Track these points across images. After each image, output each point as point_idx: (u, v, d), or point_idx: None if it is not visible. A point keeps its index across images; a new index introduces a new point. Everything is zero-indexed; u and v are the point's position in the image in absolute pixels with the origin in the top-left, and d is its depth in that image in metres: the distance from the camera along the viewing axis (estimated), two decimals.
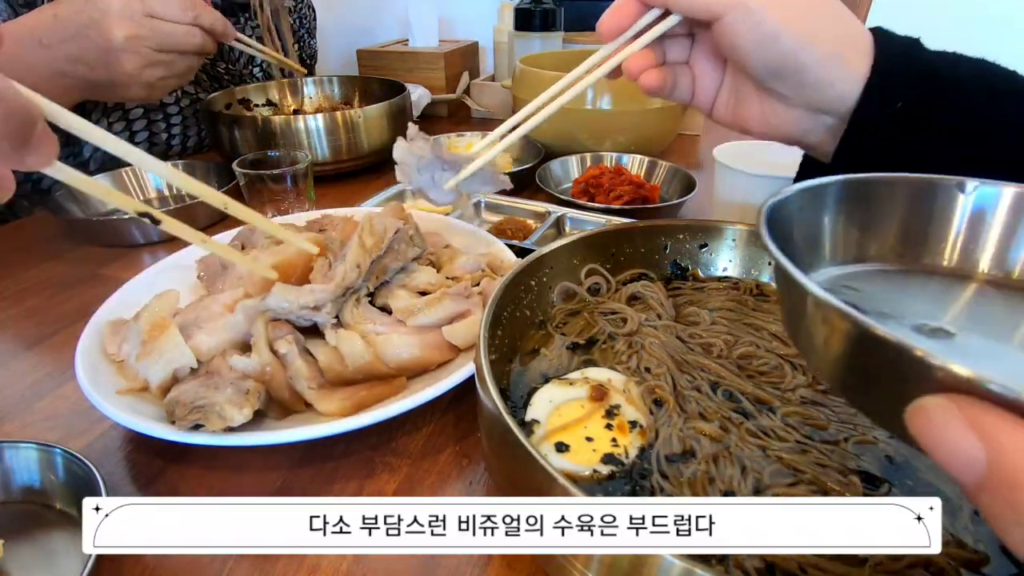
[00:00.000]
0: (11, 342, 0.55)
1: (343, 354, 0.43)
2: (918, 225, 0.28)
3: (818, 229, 0.28)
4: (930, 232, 0.28)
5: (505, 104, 1.24)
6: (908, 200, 0.29)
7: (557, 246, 0.44)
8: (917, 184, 0.28)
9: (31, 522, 0.36)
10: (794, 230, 0.26)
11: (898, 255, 0.29)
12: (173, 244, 0.72)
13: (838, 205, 0.28)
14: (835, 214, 0.28)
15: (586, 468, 0.32)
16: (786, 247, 0.21)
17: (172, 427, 0.37)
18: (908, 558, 0.27)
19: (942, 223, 0.28)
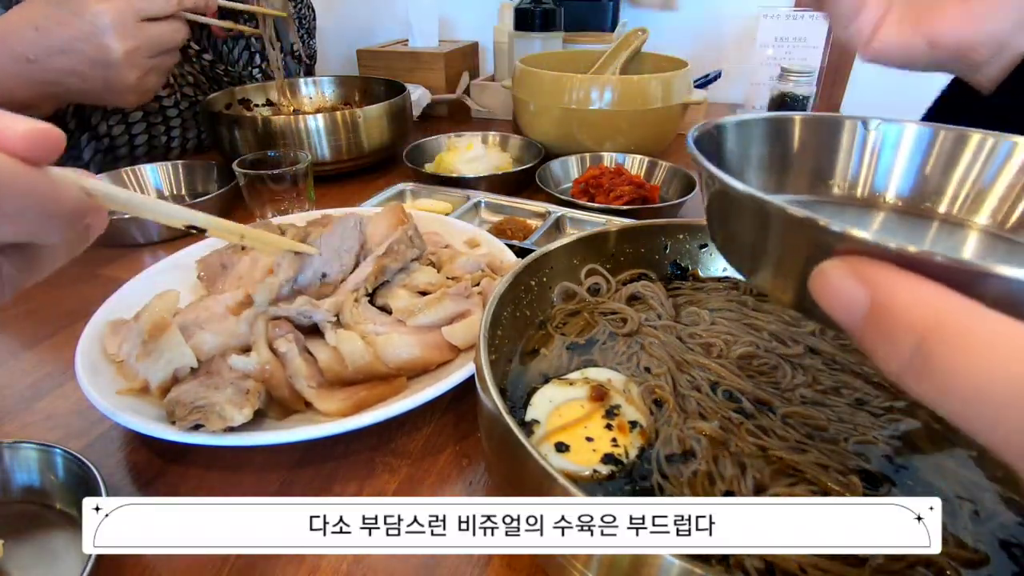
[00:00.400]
0: (11, 342, 0.55)
1: (343, 354, 0.43)
2: (829, 159, 0.31)
3: (746, 160, 0.30)
4: (839, 166, 0.31)
5: (505, 104, 1.24)
6: (819, 137, 0.31)
7: (557, 246, 0.44)
8: (827, 122, 0.31)
9: (31, 522, 0.36)
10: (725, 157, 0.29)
11: (813, 188, 0.32)
12: (173, 244, 0.72)
13: (761, 140, 0.31)
14: (759, 148, 0.31)
15: (586, 468, 0.32)
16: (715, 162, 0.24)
17: (172, 427, 0.37)
18: (908, 558, 0.27)
19: (851, 157, 0.31)
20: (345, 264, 0.48)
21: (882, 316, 0.15)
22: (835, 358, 0.40)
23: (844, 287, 0.16)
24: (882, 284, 0.15)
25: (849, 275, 0.16)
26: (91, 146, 0.89)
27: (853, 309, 0.16)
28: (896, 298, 0.15)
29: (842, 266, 0.17)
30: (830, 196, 0.32)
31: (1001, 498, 0.30)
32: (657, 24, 1.34)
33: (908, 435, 0.34)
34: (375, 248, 0.51)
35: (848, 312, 0.16)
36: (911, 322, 0.15)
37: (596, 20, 1.38)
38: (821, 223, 0.17)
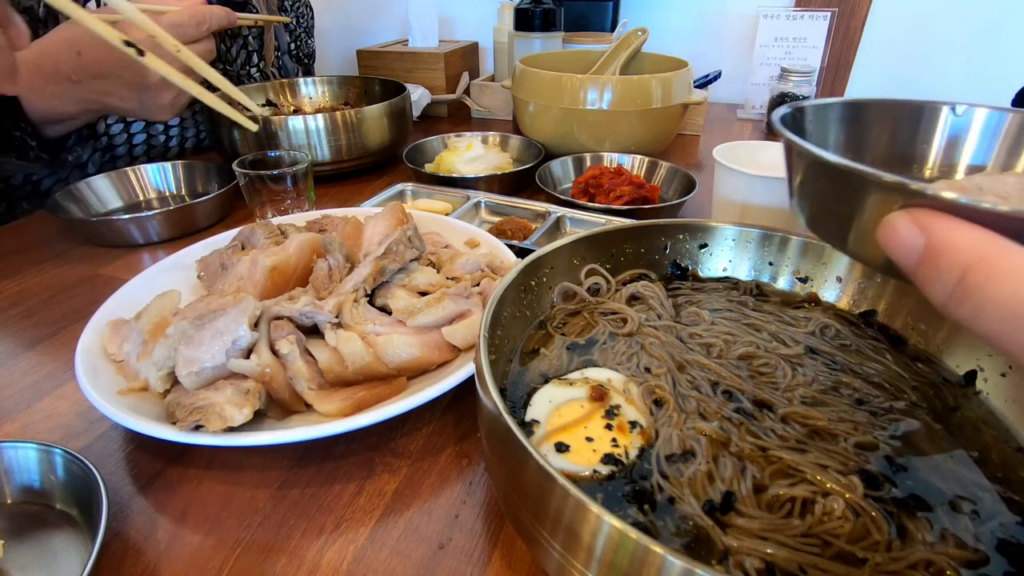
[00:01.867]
0: (11, 342, 0.55)
1: (343, 355, 0.43)
2: (912, 142, 0.33)
3: (824, 142, 0.32)
4: (924, 148, 0.33)
5: (505, 104, 1.24)
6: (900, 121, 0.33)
7: (557, 246, 0.44)
8: (908, 107, 0.33)
9: (31, 522, 0.36)
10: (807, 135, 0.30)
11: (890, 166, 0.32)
12: (173, 244, 0.72)
13: (839, 123, 0.32)
14: (837, 130, 0.32)
15: (586, 468, 0.32)
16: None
17: (172, 427, 0.37)
18: (908, 558, 0.27)
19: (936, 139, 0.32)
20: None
21: (933, 255, 0.18)
22: (835, 358, 0.40)
23: (905, 233, 0.19)
24: (935, 229, 0.18)
25: (910, 222, 0.19)
26: (90, 145, 0.89)
27: (912, 251, 0.19)
28: (945, 239, 0.18)
29: (904, 215, 0.19)
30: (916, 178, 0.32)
31: (1001, 498, 0.30)
32: (657, 24, 1.34)
33: (908, 435, 0.34)
34: (374, 249, 0.51)
35: (908, 254, 0.19)
36: (956, 258, 0.17)
37: (596, 20, 1.38)
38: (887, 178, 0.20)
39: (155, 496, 0.39)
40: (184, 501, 0.39)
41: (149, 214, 0.71)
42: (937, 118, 0.32)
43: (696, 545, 0.28)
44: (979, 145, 0.32)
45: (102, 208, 0.80)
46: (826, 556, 0.27)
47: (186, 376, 0.40)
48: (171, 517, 0.37)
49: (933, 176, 0.33)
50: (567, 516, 0.24)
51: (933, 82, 1.33)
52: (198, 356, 0.41)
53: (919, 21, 1.28)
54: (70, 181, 0.84)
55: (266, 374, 0.41)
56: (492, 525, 0.37)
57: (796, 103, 0.31)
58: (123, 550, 0.35)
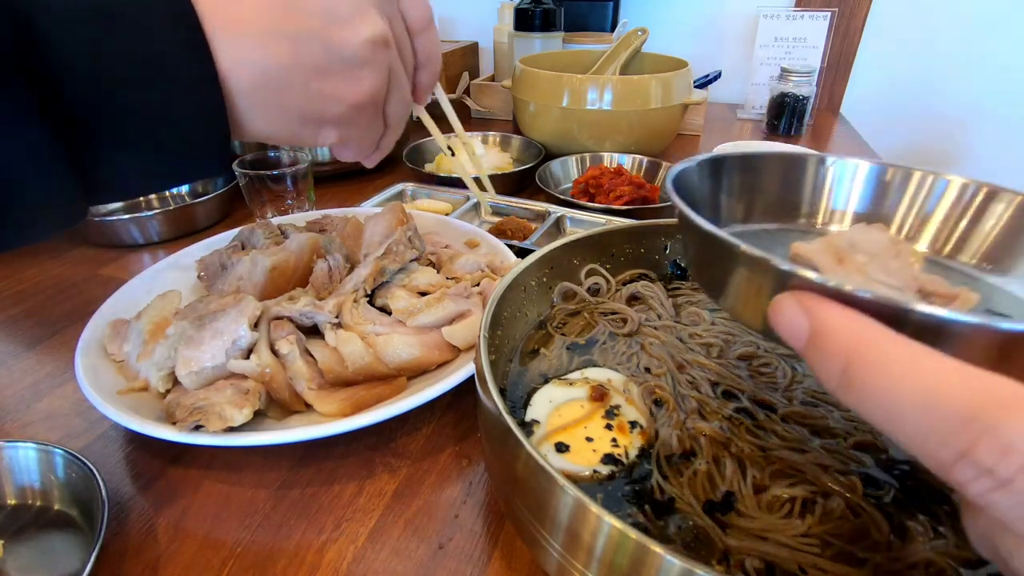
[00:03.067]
0: (11, 342, 0.55)
1: (343, 355, 0.43)
2: (793, 192, 0.35)
3: (716, 192, 0.33)
4: (802, 197, 0.35)
5: (505, 104, 1.24)
6: (784, 171, 0.34)
7: (557, 246, 0.44)
8: (790, 158, 0.34)
9: (31, 522, 0.36)
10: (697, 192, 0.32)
11: (778, 217, 0.35)
12: (173, 244, 0.72)
13: (731, 174, 0.33)
14: (729, 182, 0.33)
15: (586, 468, 0.32)
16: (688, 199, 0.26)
17: (172, 427, 0.37)
18: (908, 558, 0.27)
19: (812, 189, 0.34)
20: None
21: (818, 341, 0.18)
22: None
23: (792, 316, 0.19)
24: (819, 314, 0.18)
25: (796, 306, 0.19)
26: None
27: (799, 335, 0.19)
28: (828, 326, 0.18)
29: (790, 298, 0.19)
30: (796, 225, 0.35)
31: None
32: (657, 24, 1.34)
33: None
34: (374, 249, 0.51)
35: (795, 337, 0.19)
36: (839, 347, 0.17)
37: (596, 20, 1.38)
38: (777, 264, 0.20)
39: (155, 496, 0.39)
40: (184, 501, 0.39)
41: (149, 214, 0.71)
42: (814, 169, 0.34)
43: (696, 545, 0.28)
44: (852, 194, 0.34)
45: (102, 208, 0.80)
46: (826, 556, 0.27)
47: (186, 376, 0.40)
48: (171, 517, 0.37)
49: (820, 224, 0.34)
50: (567, 516, 0.24)
51: (933, 81, 1.33)
52: (198, 356, 0.41)
53: (919, 20, 1.28)
54: None
55: (266, 374, 0.41)
56: (492, 525, 0.37)
57: (690, 159, 0.32)
58: (123, 550, 0.35)
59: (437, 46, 0.40)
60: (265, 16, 0.29)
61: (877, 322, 0.17)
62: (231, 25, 0.28)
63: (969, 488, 0.15)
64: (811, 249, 0.23)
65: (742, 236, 0.32)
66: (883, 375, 0.16)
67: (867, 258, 0.23)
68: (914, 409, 0.16)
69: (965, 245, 0.31)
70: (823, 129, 1.26)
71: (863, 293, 0.18)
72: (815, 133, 1.22)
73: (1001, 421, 0.14)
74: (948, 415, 0.15)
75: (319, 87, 0.32)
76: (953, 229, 0.31)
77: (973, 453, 0.14)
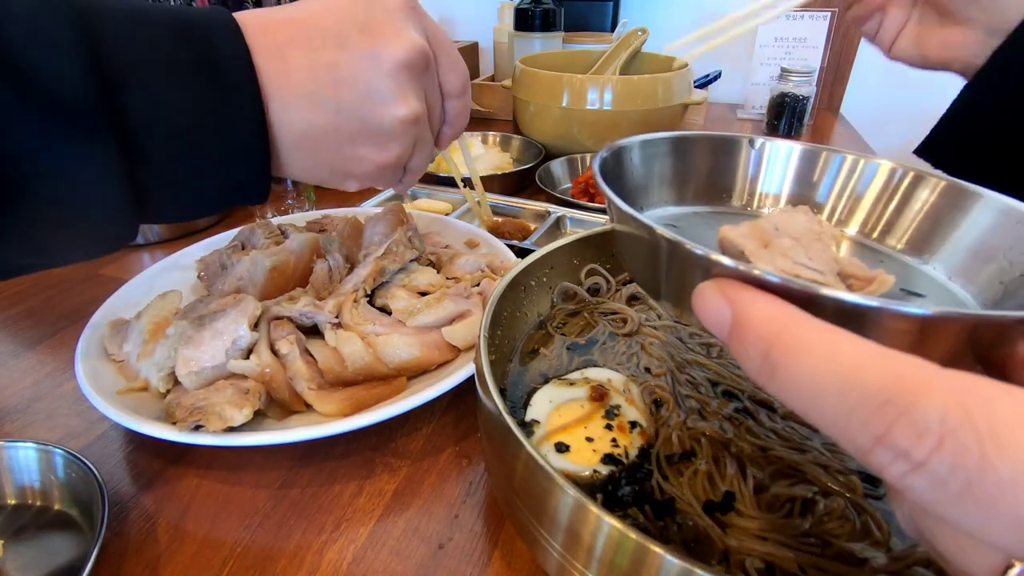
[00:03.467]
0: (11, 342, 0.55)
1: (343, 355, 0.43)
2: (725, 174, 0.35)
3: (649, 175, 0.33)
4: (735, 180, 0.35)
5: (505, 104, 1.24)
6: (715, 153, 0.35)
7: (557, 246, 0.44)
8: (721, 140, 0.35)
9: (31, 522, 0.36)
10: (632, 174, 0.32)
11: (709, 199, 0.35)
12: (173, 244, 0.72)
13: (664, 156, 0.33)
14: (662, 163, 0.33)
15: (586, 468, 0.32)
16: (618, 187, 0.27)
17: (172, 427, 0.37)
18: (908, 558, 0.27)
19: (740, 171, 0.35)
20: None
21: (740, 329, 0.18)
22: None
23: (714, 305, 0.19)
24: (739, 302, 0.18)
25: (717, 294, 0.19)
26: None
27: (722, 324, 0.19)
28: (749, 314, 0.18)
29: (712, 286, 0.19)
30: (728, 207, 0.35)
31: None
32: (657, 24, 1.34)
33: None
34: (374, 249, 0.51)
35: (718, 326, 0.19)
36: (759, 334, 0.17)
37: (596, 20, 1.38)
38: (694, 250, 0.20)
39: (155, 496, 0.39)
40: (184, 501, 0.39)
41: None
42: (745, 152, 0.34)
43: (696, 545, 0.28)
44: (784, 177, 0.34)
45: None
46: (826, 556, 0.27)
47: (186, 376, 0.40)
48: (171, 517, 0.37)
49: (755, 206, 0.35)
50: (567, 516, 0.24)
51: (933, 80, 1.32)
52: (198, 356, 0.41)
53: None
54: None
55: (266, 374, 0.41)
56: (492, 525, 0.37)
57: (620, 141, 0.31)
58: (123, 550, 0.35)
59: (467, 108, 0.44)
60: (314, 83, 0.33)
61: (796, 308, 0.17)
62: (283, 87, 0.32)
63: (887, 472, 0.15)
64: (738, 233, 0.23)
65: (674, 218, 0.33)
66: (802, 360, 0.16)
67: (791, 242, 0.24)
68: (832, 393, 0.15)
69: (893, 228, 0.31)
70: (823, 129, 1.26)
71: (773, 278, 0.18)
72: (815, 133, 1.22)
73: (915, 403, 0.14)
74: (865, 399, 0.15)
75: (352, 151, 0.36)
76: (882, 212, 0.32)
77: (889, 436, 0.14)
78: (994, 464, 0.13)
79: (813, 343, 0.16)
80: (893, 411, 0.14)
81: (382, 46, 0.34)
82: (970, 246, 0.28)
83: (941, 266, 0.29)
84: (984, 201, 0.28)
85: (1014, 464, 0.13)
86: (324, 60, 0.33)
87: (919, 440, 0.14)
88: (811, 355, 0.16)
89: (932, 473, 0.14)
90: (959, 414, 0.14)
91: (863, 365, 0.15)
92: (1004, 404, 0.14)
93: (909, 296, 0.28)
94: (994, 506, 0.13)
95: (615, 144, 0.31)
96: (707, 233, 0.32)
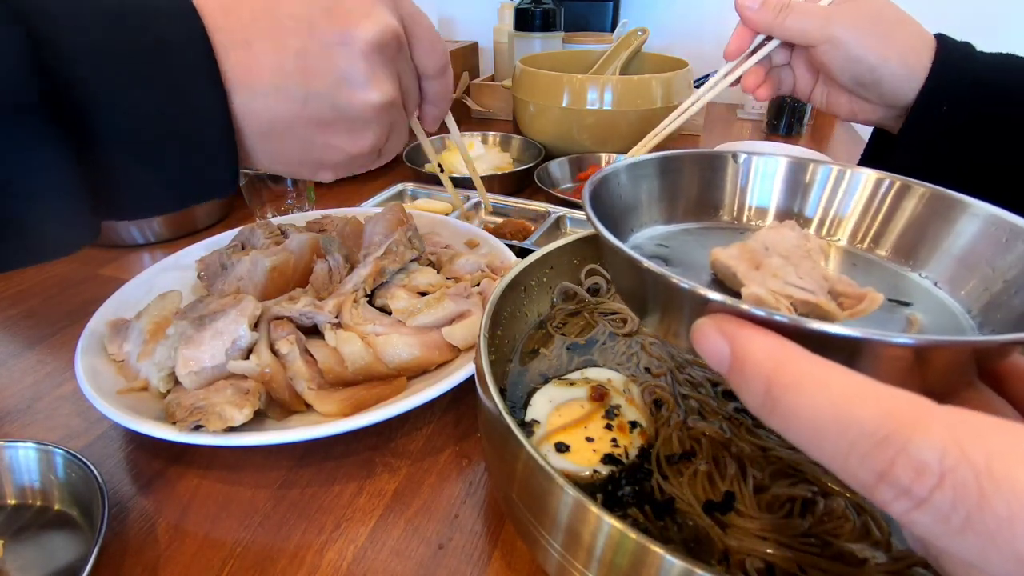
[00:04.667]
0: (11, 342, 0.55)
1: (343, 355, 0.43)
2: (713, 190, 0.35)
3: (638, 197, 0.33)
4: (723, 195, 0.35)
5: (505, 104, 1.24)
6: (701, 170, 0.35)
7: (557, 246, 0.44)
8: (707, 157, 0.35)
9: (31, 522, 0.36)
10: (621, 197, 0.32)
11: (698, 215, 0.35)
12: (173, 244, 0.72)
13: (652, 177, 0.34)
14: (650, 184, 0.34)
15: (586, 468, 0.32)
16: (608, 213, 0.27)
17: (172, 427, 0.37)
18: (908, 558, 0.27)
19: (728, 186, 0.35)
20: None
21: (739, 365, 0.18)
22: None
23: (712, 341, 0.19)
24: (737, 338, 0.18)
25: (715, 331, 0.19)
26: None
27: (721, 360, 0.19)
28: (747, 350, 0.18)
29: (709, 323, 0.19)
30: (718, 222, 0.35)
31: None
32: (657, 24, 1.34)
33: None
34: (374, 249, 0.51)
35: (718, 363, 0.19)
36: (759, 370, 0.18)
37: (596, 20, 1.38)
38: (694, 290, 0.20)
39: (155, 496, 0.39)
40: (184, 501, 0.39)
41: None
42: (731, 167, 0.35)
43: (696, 545, 0.28)
44: (772, 190, 0.35)
45: None
46: (826, 556, 0.27)
47: (186, 376, 0.40)
48: (171, 517, 0.37)
49: (745, 219, 0.35)
50: (567, 516, 0.24)
51: None
52: (198, 356, 0.41)
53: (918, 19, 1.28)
54: None
55: (266, 374, 0.41)
56: (492, 525, 0.37)
57: (607, 168, 0.32)
58: (123, 550, 0.35)
59: (449, 87, 0.43)
60: (281, 73, 0.31)
61: (792, 343, 0.18)
62: (248, 75, 0.31)
63: (891, 508, 0.15)
64: (729, 255, 0.24)
65: (664, 238, 0.34)
66: (800, 395, 0.17)
67: (781, 261, 0.24)
68: (831, 430, 0.16)
69: (881, 237, 0.32)
70: (823, 129, 1.26)
71: (771, 315, 0.18)
72: (815, 133, 1.22)
73: (911, 441, 0.15)
74: (864, 435, 0.15)
75: (323, 140, 0.34)
76: (871, 222, 0.32)
77: (891, 474, 0.15)
78: (991, 500, 0.14)
79: (809, 376, 0.17)
80: (891, 448, 0.15)
81: (351, 28, 0.32)
82: (956, 254, 0.29)
83: (929, 274, 0.30)
84: (969, 210, 0.28)
85: (1009, 500, 0.13)
86: (291, 47, 0.31)
87: (920, 478, 0.14)
88: (808, 388, 0.17)
89: (935, 509, 0.14)
90: (956, 452, 0.14)
91: (856, 399, 0.16)
92: (996, 439, 0.14)
93: (896, 306, 0.28)
94: (993, 540, 0.14)
95: (602, 172, 0.31)
96: (697, 251, 0.32)
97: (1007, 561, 0.14)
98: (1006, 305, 0.25)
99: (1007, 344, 0.19)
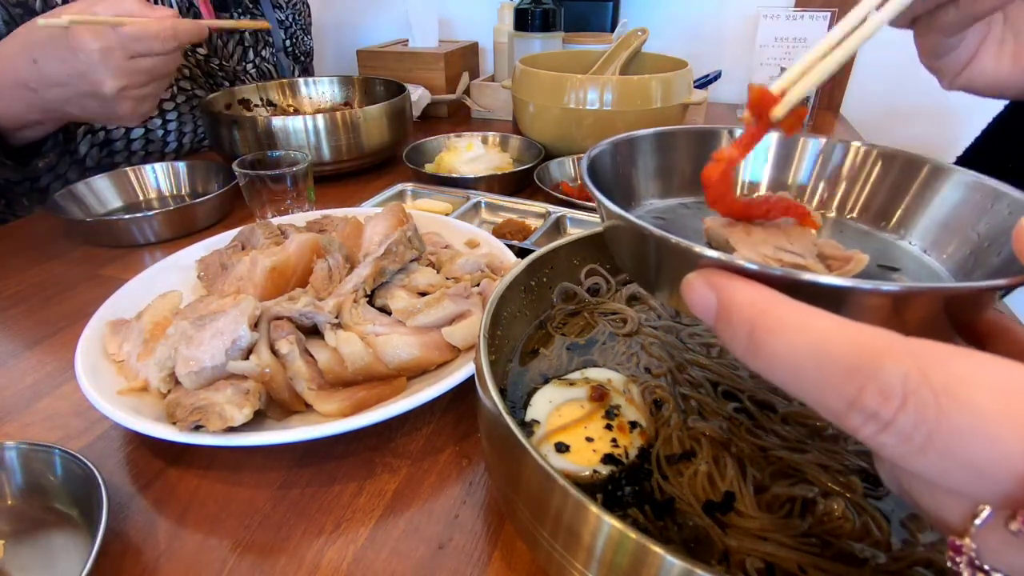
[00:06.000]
0: (11, 342, 0.55)
1: (343, 355, 0.43)
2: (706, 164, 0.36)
3: (635, 172, 0.34)
4: None
5: (505, 104, 1.24)
6: (696, 145, 0.35)
7: (557, 246, 0.44)
8: (701, 132, 0.35)
9: (31, 522, 0.36)
10: (619, 173, 0.33)
11: (693, 190, 0.35)
12: (173, 244, 0.72)
13: (648, 153, 0.35)
14: (646, 160, 0.35)
15: (586, 468, 0.32)
16: (606, 188, 0.27)
17: (172, 427, 0.37)
18: (909, 558, 0.27)
19: None
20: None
21: (725, 314, 0.19)
22: None
23: (700, 293, 0.20)
24: (724, 288, 0.20)
25: (703, 283, 0.20)
26: (87, 140, 0.88)
27: (709, 310, 0.20)
28: (732, 299, 0.19)
29: (698, 276, 0.21)
30: None
31: None
32: (657, 24, 1.34)
33: None
34: (374, 249, 0.51)
35: (705, 312, 0.20)
36: (743, 316, 0.19)
37: (596, 20, 1.38)
38: (680, 244, 0.21)
39: (155, 496, 0.39)
40: (184, 501, 0.38)
41: (149, 214, 0.71)
42: (723, 142, 0.36)
43: (696, 545, 0.28)
44: (765, 164, 0.36)
45: (102, 208, 0.80)
46: (826, 556, 0.27)
47: (186, 376, 0.40)
48: (171, 517, 0.37)
49: (737, 194, 0.36)
50: (567, 516, 0.24)
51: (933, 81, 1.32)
52: (198, 356, 0.41)
53: None
54: (69, 178, 0.84)
55: (266, 374, 0.41)
56: (492, 525, 0.37)
57: (605, 141, 0.32)
58: (123, 550, 0.35)
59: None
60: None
61: (775, 291, 0.19)
62: None
63: (861, 432, 0.16)
64: (722, 223, 0.24)
65: (661, 211, 0.34)
66: (781, 337, 0.18)
67: (773, 228, 0.25)
68: (808, 366, 0.17)
69: (869, 206, 0.33)
70: (823, 129, 1.26)
71: (751, 266, 0.19)
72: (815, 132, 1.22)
73: (879, 369, 0.16)
74: (837, 368, 0.16)
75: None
76: (860, 192, 0.33)
77: (859, 401, 0.16)
78: (949, 417, 0.15)
79: (790, 319, 0.18)
80: (861, 377, 0.16)
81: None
82: (941, 220, 0.30)
83: (916, 240, 0.31)
84: (953, 176, 0.29)
85: (966, 415, 0.14)
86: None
87: (885, 401, 0.15)
88: (788, 332, 0.18)
89: (899, 430, 0.15)
90: (918, 375, 0.15)
91: (833, 336, 0.17)
92: (957, 363, 0.15)
93: (885, 271, 0.29)
94: (952, 455, 0.15)
95: (601, 144, 0.32)
96: (693, 223, 0.33)
97: (967, 474, 0.15)
98: (986, 264, 0.26)
99: (982, 290, 0.20)
